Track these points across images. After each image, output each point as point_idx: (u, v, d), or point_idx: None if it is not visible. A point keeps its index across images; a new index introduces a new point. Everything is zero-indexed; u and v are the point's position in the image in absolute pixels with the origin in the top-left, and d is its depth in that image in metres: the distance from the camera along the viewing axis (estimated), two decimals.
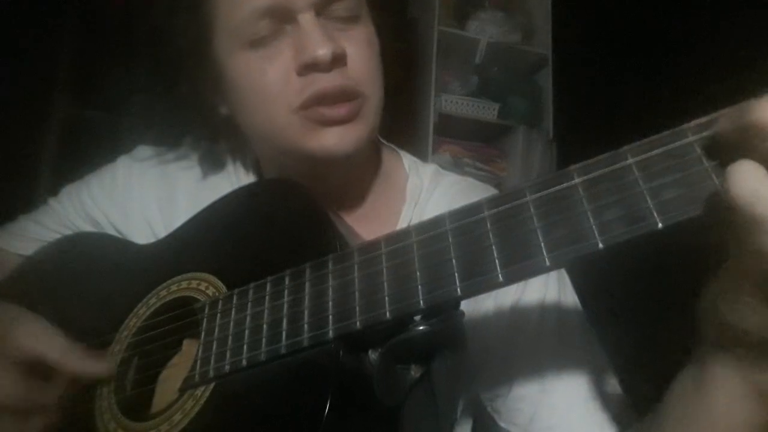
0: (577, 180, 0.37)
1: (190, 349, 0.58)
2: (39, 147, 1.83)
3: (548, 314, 0.68)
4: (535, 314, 0.67)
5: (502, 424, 0.67)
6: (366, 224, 0.66)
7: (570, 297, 0.71)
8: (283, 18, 0.62)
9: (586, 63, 2.42)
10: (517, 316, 0.67)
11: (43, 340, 0.58)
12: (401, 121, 2.30)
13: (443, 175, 0.81)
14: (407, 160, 0.83)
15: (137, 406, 0.59)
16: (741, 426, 0.41)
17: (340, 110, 0.63)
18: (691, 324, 0.41)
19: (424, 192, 0.77)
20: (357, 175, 0.76)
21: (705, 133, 0.32)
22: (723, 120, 0.33)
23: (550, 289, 0.69)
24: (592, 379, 0.64)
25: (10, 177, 1.62)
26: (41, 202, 0.86)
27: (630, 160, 0.35)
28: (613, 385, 0.65)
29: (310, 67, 0.62)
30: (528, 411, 0.64)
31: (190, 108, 0.74)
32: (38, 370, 0.58)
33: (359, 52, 0.65)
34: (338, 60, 0.62)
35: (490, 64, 2.56)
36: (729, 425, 0.41)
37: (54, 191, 0.87)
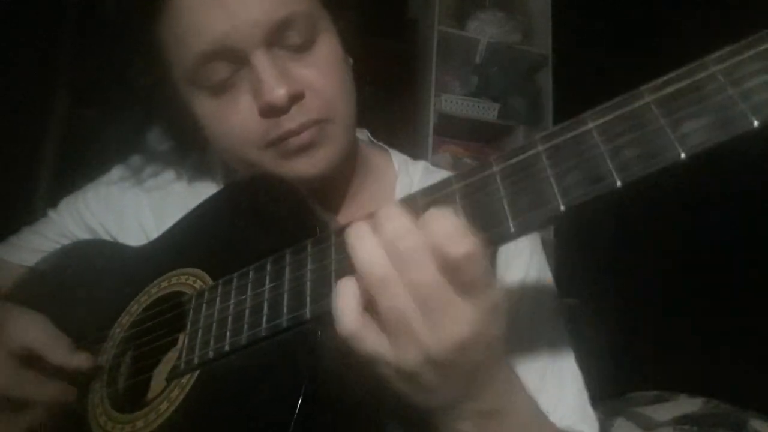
0: (540, 148, 0.37)
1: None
2: (38, 148, 1.85)
3: (526, 296, 0.69)
4: (514, 296, 0.68)
5: None
6: None
7: (547, 281, 0.72)
8: (235, 60, 0.60)
9: (586, 63, 2.42)
10: None
11: (32, 331, 0.59)
12: (401, 121, 2.31)
13: (433, 172, 0.81)
14: (397, 158, 0.83)
15: (131, 399, 0.59)
16: None
17: (303, 138, 0.62)
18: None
19: (414, 190, 0.77)
20: (341, 180, 0.75)
21: (661, 93, 0.33)
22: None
23: (531, 270, 0.70)
24: (553, 362, 0.66)
25: (10, 178, 1.63)
26: (42, 215, 0.89)
27: (590, 125, 0.35)
28: (571, 368, 0.67)
29: (269, 112, 0.61)
30: None
31: (169, 130, 0.74)
32: (33, 362, 0.58)
33: (320, 79, 0.63)
34: (295, 98, 0.61)
35: (490, 64, 2.57)
36: None
37: (53, 195, 0.91)
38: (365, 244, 0.39)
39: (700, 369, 1.61)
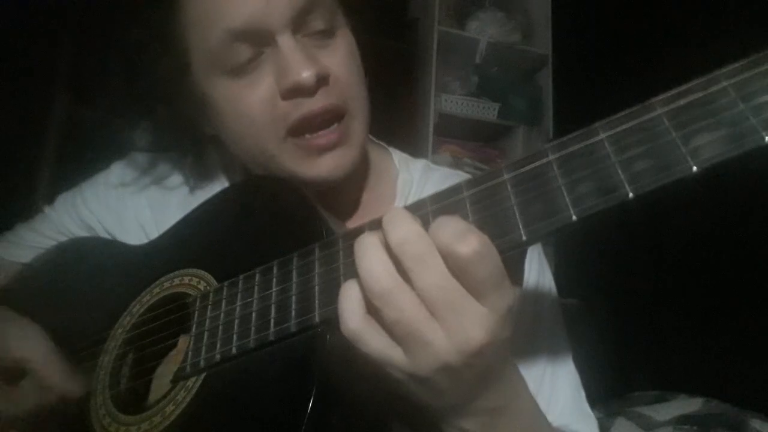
0: (551, 157, 0.37)
1: (184, 343, 0.59)
2: (38, 148, 1.84)
3: (527, 298, 0.68)
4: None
5: None
6: (357, 222, 0.66)
7: (548, 283, 0.72)
8: (261, 41, 0.60)
9: (586, 63, 2.43)
10: None
11: (28, 345, 0.59)
12: (401, 121, 2.31)
13: (433, 170, 0.81)
14: (397, 156, 0.83)
15: (133, 400, 0.59)
16: None
17: (331, 137, 0.62)
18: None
19: (415, 187, 0.77)
20: (346, 181, 0.76)
21: (673, 106, 0.33)
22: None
23: (531, 274, 0.70)
24: (552, 365, 0.66)
25: (10, 177, 1.63)
26: (38, 211, 0.87)
27: (601, 135, 0.35)
28: (569, 369, 0.67)
29: (294, 92, 0.60)
30: None
31: (171, 129, 0.73)
32: (23, 372, 0.58)
33: (341, 67, 0.63)
34: (322, 81, 0.61)
35: (490, 64, 2.58)
36: None
37: (52, 195, 0.89)
38: (370, 257, 0.39)
39: (700, 369, 1.61)
